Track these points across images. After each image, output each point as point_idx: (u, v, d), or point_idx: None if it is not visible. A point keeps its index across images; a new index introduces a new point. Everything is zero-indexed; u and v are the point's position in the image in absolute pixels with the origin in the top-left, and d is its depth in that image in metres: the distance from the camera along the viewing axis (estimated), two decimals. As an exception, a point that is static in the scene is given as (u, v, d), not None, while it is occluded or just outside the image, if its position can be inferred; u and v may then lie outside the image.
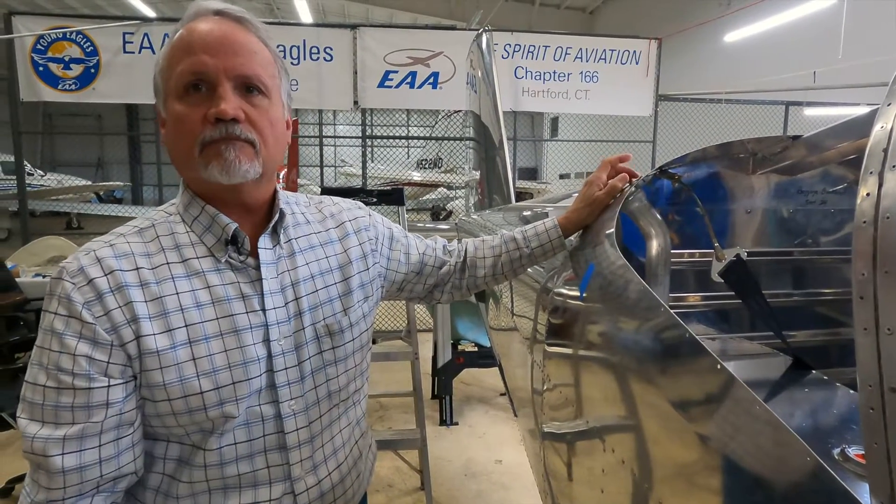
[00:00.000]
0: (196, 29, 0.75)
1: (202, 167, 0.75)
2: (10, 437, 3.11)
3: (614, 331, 0.85)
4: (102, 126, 18.24)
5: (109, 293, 0.72)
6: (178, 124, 0.76)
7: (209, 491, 0.80)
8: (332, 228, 0.95)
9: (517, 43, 5.89)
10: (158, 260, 0.77)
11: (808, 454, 0.44)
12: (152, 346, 0.72)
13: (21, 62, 5.24)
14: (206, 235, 0.80)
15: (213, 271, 0.79)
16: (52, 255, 5.08)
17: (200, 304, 0.76)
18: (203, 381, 0.74)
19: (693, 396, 0.63)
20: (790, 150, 1.06)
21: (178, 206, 0.82)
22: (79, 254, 0.75)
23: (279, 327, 0.81)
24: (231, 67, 0.75)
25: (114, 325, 0.71)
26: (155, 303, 0.74)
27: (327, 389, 0.87)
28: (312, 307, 0.86)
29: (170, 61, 0.76)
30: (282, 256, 0.85)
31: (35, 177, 12.05)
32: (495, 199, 3.46)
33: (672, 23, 10.85)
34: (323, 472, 0.88)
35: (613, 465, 0.78)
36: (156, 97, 0.80)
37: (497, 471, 3.01)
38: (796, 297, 1.26)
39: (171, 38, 0.78)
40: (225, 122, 0.74)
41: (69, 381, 0.70)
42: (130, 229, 0.79)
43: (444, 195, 14.05)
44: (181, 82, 0.75)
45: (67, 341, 0.70)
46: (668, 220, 1.22)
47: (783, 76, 7.63)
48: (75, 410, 0.70)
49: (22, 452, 0.71)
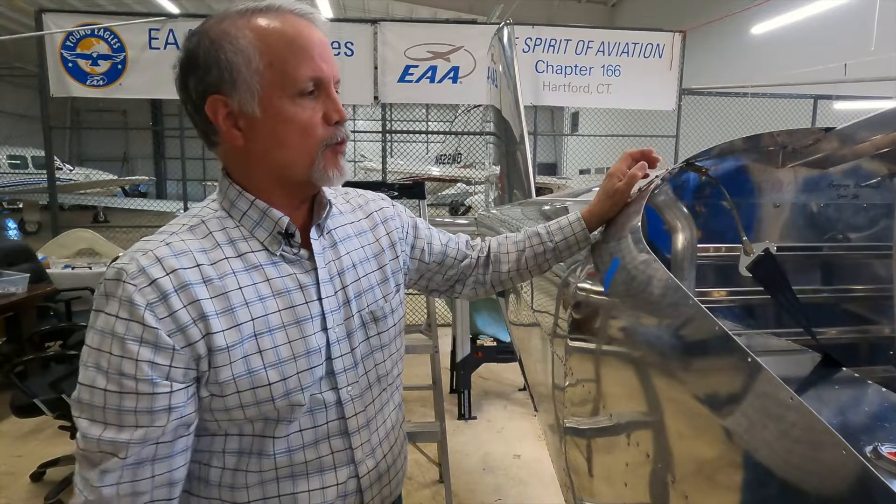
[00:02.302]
0: (305, 33, 0.77)
1: (317, 170, 0.79)
2: (42, 423, 3.20)
3: (640, 325, 0.84)
4: (128, 121, 18.59)
5: (174, 293, 0.71)
6: (298, 125, 0.77)
7: (277, 479, 0.81)
8: (363, 219, 0.97)
9: (538, 37, 5.83)
10: (216, 255, 0.76)
11: (844, 448, 0.43)
12: (222, 343, 0.73)
13: (51, 58, 5.37)
14: (257, 230, 0.80)
15: (270, 264, 0.79)
16: (80, 247, 5.22)
17: (263, 297, 0.77)
18: (270, 373, 0.76)
19: (722, 390, 0.62)
20: (822, 143, 1.04)
21: (221, 203, 0.82)
22: (135, 254, 0.73)
23: (333, 315, 0.84)
24: (335, 73, 0.80)
25: (179, 326, 0.71)
26: (220, 299, 0.74)
27: (376, 374, 0.90)
28: (357, 295, 0.88)
29: (274, 59, 0.75)
30: (325, 247, 0.87)
31: (64, 171, 12.35)
32: (515, 193, 3.44)
33: (696, 15, 10.64)
34: (379, 455, 0.92)
35: (638, 459, 0.77)
36: (233, 93, 0.75)
37: (515, 465, 3.02)
38: (826, 294, 1.23)
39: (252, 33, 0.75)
40: (342, 125, 0.80)
41: (132, 386, 0.69)
42: (181, 227, 0.78)
43: (463, 190, 14.04)
44: (301, 86, 0.76)
45: (129, 346, 0.69)
46: (695, 213, 1.20)
47: (812, 69, 7.43)
48: (139, 414, 0.70)
49: (77, 451, 0.72)
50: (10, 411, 2.50)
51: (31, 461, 2.84)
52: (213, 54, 0.75)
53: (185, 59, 0.77)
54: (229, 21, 0.76)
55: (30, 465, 2.81)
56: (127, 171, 20.04)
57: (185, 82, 0.78)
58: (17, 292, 3.42)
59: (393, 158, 12.50)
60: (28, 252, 4.15)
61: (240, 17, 0.77)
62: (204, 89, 0.76)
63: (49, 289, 3.81)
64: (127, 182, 15.25)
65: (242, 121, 0.77)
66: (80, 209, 12.30)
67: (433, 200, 14.04)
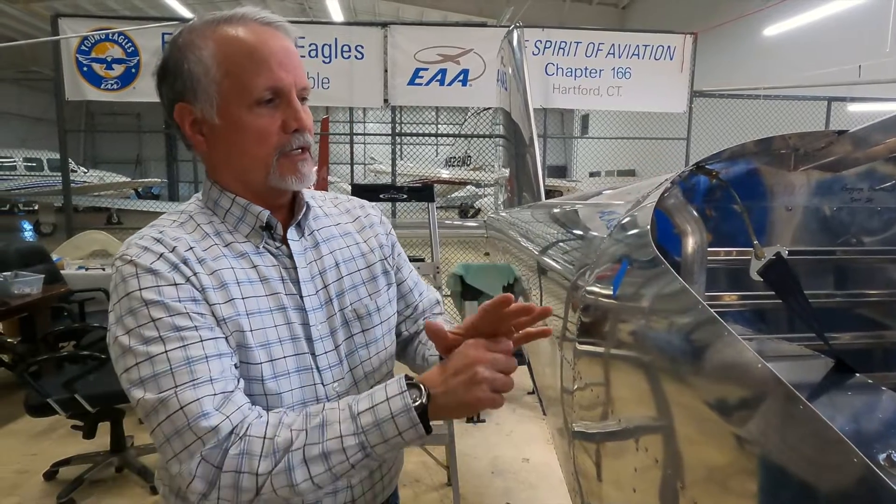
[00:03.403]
0: (264, 42, 0.78)
1: (274, 175, 0.80)
2: (55, 423, 3.24)
3: (649, 329, 0.84)
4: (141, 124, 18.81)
5: (180, 264, 0.75)
6: (257, 134, 0.79)
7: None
8: (349, 222, 0.99)
9: (548, 39, 5.83)
10: (207, 243, 0.80)
11: (855, 455, 0.42)
12: (220, 314, 0.75)
13: (66, 63, 5.45)
14: (240, 225, 0.84)
15: (256, 254, 0.83)
16: (94, 248, 5.28)
17: (251, 280, 0.80)
18: (260, 353, 0.78)
19: (731, 395, 0.61)
20: (835, 146, 1.03)
21: (206, 202, 0.86)
22: (132, 240, 0.77)
23: (315, 313, 0.85)
24: (297, 81, 0.80)
25: (199, 287, 0.75)
26: (214, 276, 0.77)
27: (362, 371, 0.91)
28: (339, 293, 0.89)
29: (232, 69, 0.77)
30: (307, 247, 0.89)
31: (78, 173, 12.52)
32: (525, 196, 3.44)
33: (708, 17, 10.57)
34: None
35: (647, 465, 0.77)
36: (192, 101, 0.79)
37: (524, 469, 3.00)
38: (839, 298, 1.22)
39: (214, 43, 0.78)
40: (301, 133, 0.80)
41: (196, 335, 0.72)
42: (170, 223, 0.82)
43: (472, 193, 14.04)
44: (257, 95, 0.77)
45: (171, 304, 0.72)
46: (705, 217, 1.19)
47: (826, 70, 7.35)
48: (209, 361, 0.71)
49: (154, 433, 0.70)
50: (24, 410, 2.53)
51: (45, 460, 2.87)
52: (180, 64, 0.79)
53: (159, 67, 0.83)
54: (196, 31, 0.80)
55: (43, 463, 2.84)
56: (140, 173, 20.28)
57: (159, 89, 0.84)
58: (32, 293, 3.47)
59: (402, 161, 12.54)
60: (43, 253, 4.21)
61: (206, 27, 0.80)
62: (173, 97, 0.81)
63: (63, 290, 3.86)
64: (140, 184, 15.43)
65: (205, 128, 0.81)
66: (93, 211, 12.46)
67: (442, 203, 14.05)
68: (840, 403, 0.86)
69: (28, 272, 3.63)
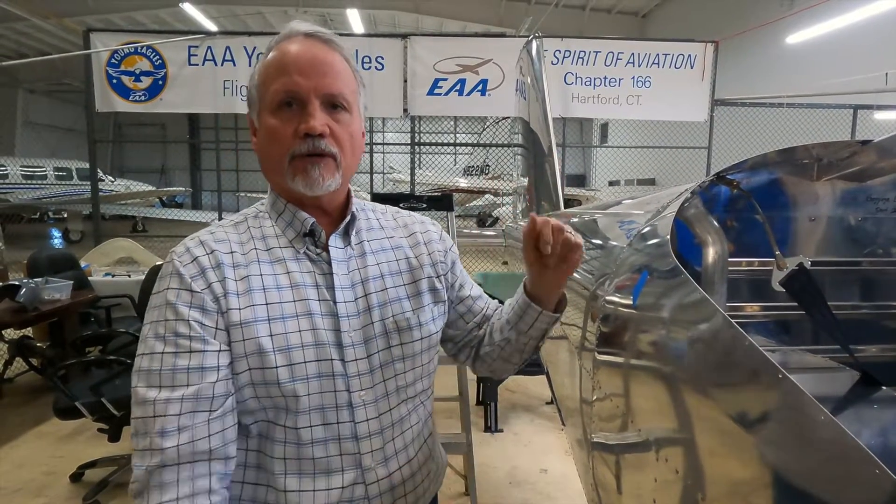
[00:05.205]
0: (289, 50, 0.84)
1: (289, 178, 0.84)
2: (82, 426, 3.31)
3: (670, 340, 0.83)
4: (166, 135, 19.25)
5: (210, 269, 0.81)
6: (271, 136, 0.84)
7: (285, 473, 0.84)
8: (404, 237, 1.00)
9: (567, 49, 5.84)
10: (248, 247, 0.86)
11: (882, 471, 0.42)
12: (236, 319, 0.80)
13: (97, 75, 5.62)
14: (287, 230, 0.89)
15: (293, 260, 0.87)
16: (120, 255, 5.40)
17: (280, 286, 0.84)
18: (278, 357, 0.80)
19: (752, 407, 0.61)
20: (859, 156, 1.01)
21: (266, 205, 0.92)
22: (186, 240, 0.85)
23: (349, 320, 0.87)
24: (320, 87, 0.83)
25: (214, 296, 0.80)
26: (243, 281, 0.82)
27: (395, 384, 0.91)
28: (381, 304, 0.90)
29: (264, 78, 0.85)
30: (352, 256, 0.92)
31: (106, 182, 12.85)
32: (543, 205, 3.44)
33: (730, 25, 10.47)
34: (394, 466, 0.91)
35: (667, 476, 0.76)
36: (249, 108, 0.90)
37: (542, 480, 2.98)
38: (864, 310, 1.20)
39: (265, 57, 0.86)
40: (313, 137, 0.82)
41: (187, 345, 0.78)
42: (228, 222, 0.90)
43: (490, 202, 14.04)
44: (275, 99, 0.83)
45: (181, 309, 0.78)
46: (726, 227, 1.18)
47: (851, 79, 7.22)
48: (191, 372, 0.77)
49: (133, 425, 0.78)
50: (53, 413, 2.60)
51: (71, 462, 2.93)
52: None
53: None
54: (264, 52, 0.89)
55: (70, 465, 2.90)
56: (165, 182, 20.73)
57: None
58: (61, 298, 3.56)
59: (421, 170, 12.60)
60: (72, 260, 4.32)
61: (269, 46, 0.87)
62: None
63: (91, 296, 3.95)
64: (165, 193, 15.76)
65: (255, 130, 0.90)
66: (120, 219, 12.75)
67: (461, 212, 14.07)
68: (866, 417, 0.85)
69: (58, 278, 3.73)
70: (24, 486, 2.80)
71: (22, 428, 3.42)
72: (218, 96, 5.70)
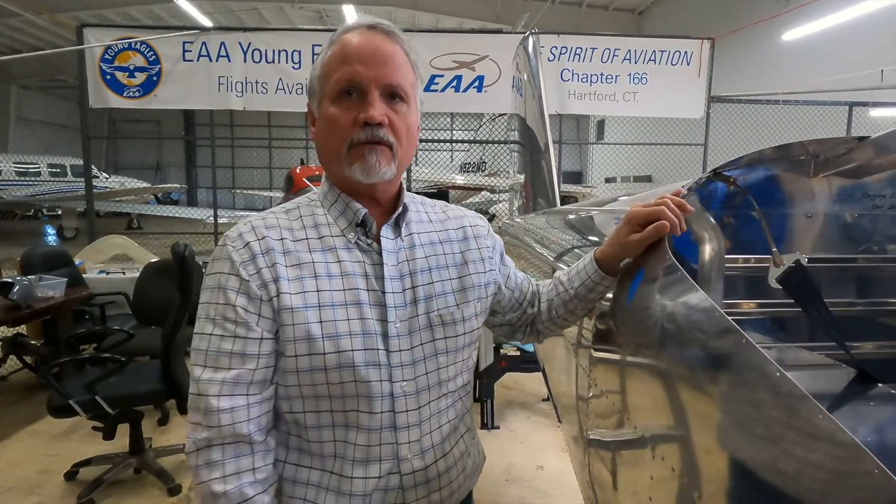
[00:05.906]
0: (352, 41, 0.85)
1: (346, 165, 0.86)
2: (76, 424, 3.30)
3: (666, 337, 0.83)
4: (161, 131, 19.14)
5: (260, 255, 0.83)
6: (331, 124, 0.86)
7: (324, 456, 0.87)
8: (453, 230, 1.02)
9: (563, 45, 5.84)
10: (300, 235, 0.88)
11: (878, 467, 0.42)
12: (288, 304, 0.82)
13: (90, 71, 5.58)
14: (339, 219, 0.90)
15: (344, 249, 0.88)
16: (114, 252, 5.37)
17: (331, 274, 0.85)
18: (326, 343, 0.82)
19: (750, 405, 0.61)
20: (855, 152, 1.01)
21: (319, 194, 0.94)
22: (238, 225, 0.88)
23: (396, 310, 0.88)
24: (380, 77, 0.84)
25: (263, 282, 0.82)
26: (294, 267, 0.84)
27: (437, 377, 0.92)
28: (428, 297, 0.91)
29: (326, 69, 0.87)
30: (402, 247, 0.92)
31: (100, 179, 12.77)
32: (540, 202, 3.43)
33: (725, 22, 10.48)
34: (430, 458, 0.92)
35: (663, 474, 0.76)
36: (309, 98, 0.92)
37: (539, 477, 2.98)
38: (860, 307, 1.20)
39: (327, 49, 0.88)
40: (371, 126, 0.83)
41: (232, 329, 0.81)
42: (280, 209, 0.92)
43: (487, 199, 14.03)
44: (336, 88, 0.85)
45: (230, 294, 0.82)
46: (723, 224, 1.18)
47: (847, 76, 7.23)
48: (233, 357, 0.81)
49: (190, 400, 0.82)
50: (47, 411, 2.58)
51: (65, 461, 2.92)
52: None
53: None
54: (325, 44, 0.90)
55: (64, 464, 2.89)
56: (160, 179, 20.62)
57: None
58: (55, 296, 3.54)
59: (417, 167, 12.59)
60: (66, 257, 4.29)
61: (330, 39, 0.89)
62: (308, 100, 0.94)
63: (85, 293, 3.93)
64: (160, 190, 15.69)
65: (315, 121, 0.91)
66: (114, 216, 12.68)
67: (457, 209, 14.02)
68: (862, 413, 0.85)
69: (52, 276, 3.70)
70: (18, 485, 2.79)
71: (16, 426, 3.40)
72: (213, 92, 5.66)
